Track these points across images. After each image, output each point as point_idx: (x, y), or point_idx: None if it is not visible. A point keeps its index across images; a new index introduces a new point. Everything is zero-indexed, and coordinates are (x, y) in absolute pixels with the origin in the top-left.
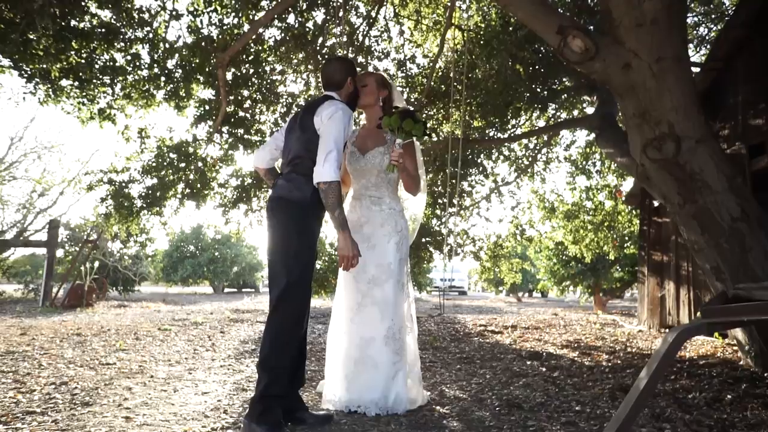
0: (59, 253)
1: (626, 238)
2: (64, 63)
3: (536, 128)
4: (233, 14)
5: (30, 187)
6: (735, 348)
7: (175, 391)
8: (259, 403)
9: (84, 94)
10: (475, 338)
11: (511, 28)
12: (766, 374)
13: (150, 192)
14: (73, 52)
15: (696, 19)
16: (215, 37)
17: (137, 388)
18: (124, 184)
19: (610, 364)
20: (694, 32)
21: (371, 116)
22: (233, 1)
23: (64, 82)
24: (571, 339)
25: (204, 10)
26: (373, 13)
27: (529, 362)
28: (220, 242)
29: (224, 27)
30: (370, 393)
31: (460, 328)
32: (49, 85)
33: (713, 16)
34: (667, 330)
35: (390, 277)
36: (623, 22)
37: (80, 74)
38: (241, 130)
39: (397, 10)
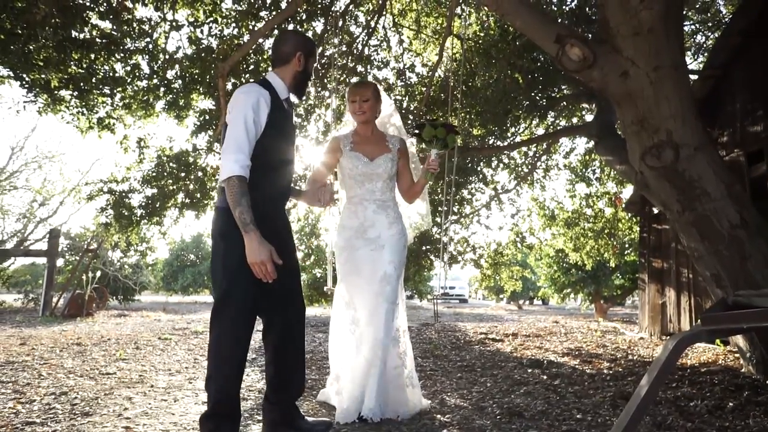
0: (59, 262)
1: (627, 245)
2: (64, 73)
3: (535, 136)
4: (233, 25)
5: (30, 196)
6: (737, 355)
7: (175, 401)
8: (208, 421)
9: (84, 103)
10: (476, 346)
11: (509, 37)
12: (767, 381)
13: (150, 202)
14: (73, 63)
15: (693, 27)
16: (215, 48)
17: (137, 397)
18: (124, 194)
19: (611, 372)
20: (692, 40)
21: (369, 124)
22: (233, 12)
23: (64, 92)
24: (572, 347)
25: (204, 21)
26: (372, 23)
27: (530, 370)
28: None
29: (224, 37)
30: (378, 398)
31: (461, 336)
32: (48, 95)
33: (710, 24)
34: (668, 337)
35: (400, 275)
36: (620, 31)
37: (80, 84)
38: None
39: (396, 20)
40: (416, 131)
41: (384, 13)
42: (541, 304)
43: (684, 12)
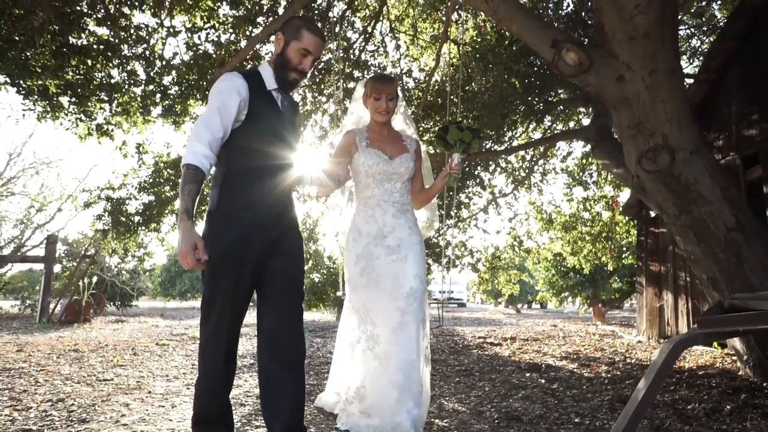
0: (57, 268)
1: (624, 249)
2: (62, 79)
3: (533, 140)
4: (230, 30)
5: (28, 202)
6: (734, 358)
7: (173, 407)
8: (198, 428)
9: (82, 110)
10: (474, 350)
11: (506, 42)
12: (765, 384)
13: (147, 208)
14: (70, 69)
15: (689, 31)
16: (212, 53)
17: (135, 404)
18: (121, 201)
19: (609, 376)
20: (687, 44)
21: (388, 122)
22: (230, 18)
23: (61, 99)
24: (570, 350)
25: (201, 27)
26: (369, 28)
27: (528, 374)
28: None
29: (221, 43)
30: (410, 415)
31: (459, 341)
32: (46, 102)
33: (705, 28)
34: (665, 340)
35: (425, 289)
36: (616, 36)
37: (78, 90)
38: None
39: (393, 25)
40: (440, 133)
41: (381, 18)
42: (539, 307)
43: (679, 16)
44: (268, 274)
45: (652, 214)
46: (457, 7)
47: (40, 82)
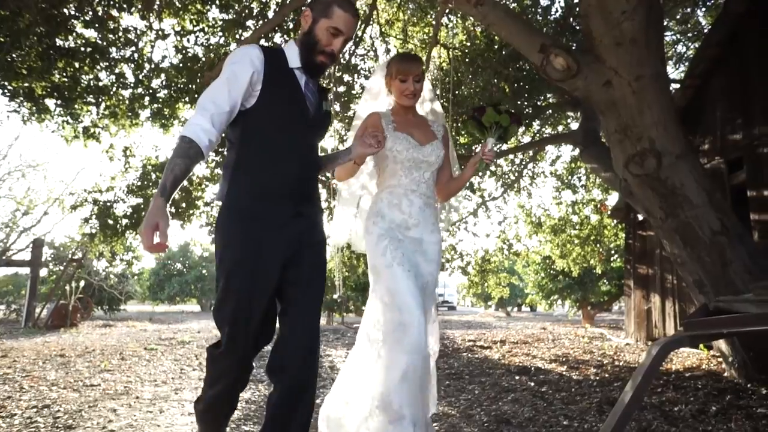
0: (43, 272)
1: (612, 252)
2: (49, 82)
3: (522, 144)
4: (220, 34)
5: (14, 205)
6: (720, 359)
7: (161, 412)
8: (200, 404)
9: (68, 112)
10: (464, 353)
11: (495, 47)
12: (749, 385)
13: (135, 211)
14: (57, 71)
15: (674, 37)
16: (202, 57)
17: (122, 409)
18: (109, 204)
19: (597, 378)
20: (673, 50)
21: (412, 106)
22: (220, 21)
23: (48, 101)
24: (559, 353)
25: (191, 30)
26: (359, 32)
27: (517, 377)
28: (208, 260)
29: (211, 46)
30: (433, 407)
31: (449, 344)
32: (32, 104)
33: (690, 34)
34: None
35: (436, 287)
36: (603, 41)
37: (65, 93)
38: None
39: (383, 29)
40: (474, 114)
41: (371, 22)
42: (529, 310)
43: (665, 23)
44: (285, 286)
45: (640, 217)
46: (446, 11)
47: (26, 84)
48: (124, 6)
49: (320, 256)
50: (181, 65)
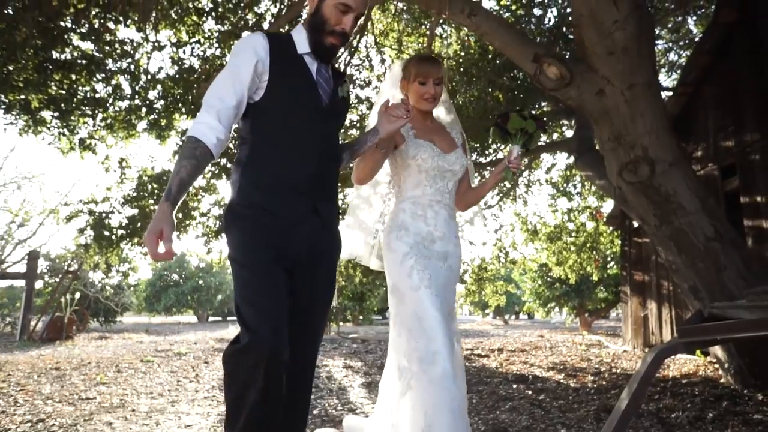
0: (38, 284)
1: (609, 259)
2: (45, 94)
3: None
4: (216, 45)
5: (9, 217)
6: (716, 366)
7: (157, 425)
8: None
9: (65, 124)
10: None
11: (489, 56)
12: (745, 391)
13: (130, 222)
14: (53, 84)
15: (666, 45)
16: (197, 68)
17: (118, 422)
18: (104, 215)
19: (595, 386)
20: (665, 58)
21: (430, 111)
22: (216, 32)
23: (44, 113)
24: (557, 361)
25: (187, 42)
26: (354, 42)
27: (515, 385)
28: (204, 270)
29: (207, 58)
30: None
31: None
32: (29, 116)
33: (682, 43)
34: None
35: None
36: (596, 51)
37: (61, 105)
38: (223, 160)
39: (378, 40)
40: (498, 121)
41: (366, 32)
42: (526, 318)
43: (656, 31)
44: (293, 291)
45: (635, 224)
46: (441, 21)
47: (22, 97)
48: (121, 18)
49: (332, 267)
50: (177, 76)
